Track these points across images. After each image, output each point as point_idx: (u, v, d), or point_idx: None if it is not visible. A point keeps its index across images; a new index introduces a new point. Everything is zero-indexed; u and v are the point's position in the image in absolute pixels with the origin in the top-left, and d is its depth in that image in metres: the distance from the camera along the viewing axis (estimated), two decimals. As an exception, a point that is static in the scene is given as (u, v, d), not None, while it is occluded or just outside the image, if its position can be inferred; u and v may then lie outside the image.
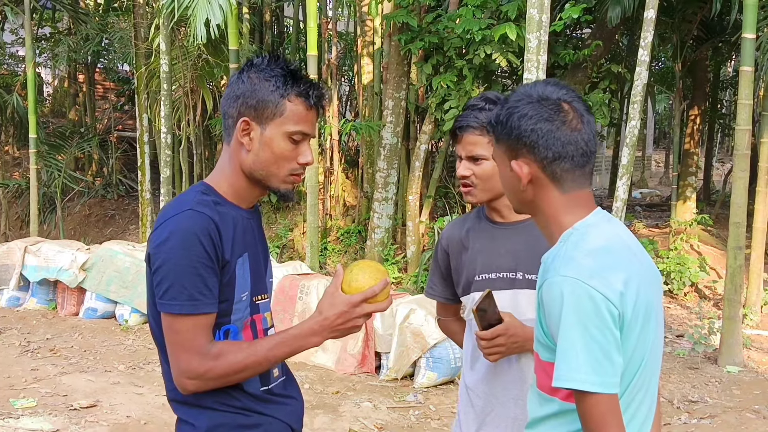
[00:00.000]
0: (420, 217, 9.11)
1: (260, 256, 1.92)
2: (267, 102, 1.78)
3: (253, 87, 1.79)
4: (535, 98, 1.59)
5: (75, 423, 4.83)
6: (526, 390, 2.11)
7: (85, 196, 12.81)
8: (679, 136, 10.96)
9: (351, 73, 13.89)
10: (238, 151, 1.82)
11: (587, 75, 8.68)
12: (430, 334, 5.73)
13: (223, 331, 1.81)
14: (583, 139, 1.59)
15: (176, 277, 1.70)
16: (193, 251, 1.70)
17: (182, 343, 1.73)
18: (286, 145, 1.80)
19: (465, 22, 7.52)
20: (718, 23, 10.27)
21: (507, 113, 1.61)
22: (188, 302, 1.70)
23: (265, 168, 1.82)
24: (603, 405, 1.44)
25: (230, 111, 1.82)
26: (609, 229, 1.60)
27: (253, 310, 1.87)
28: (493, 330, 2.04)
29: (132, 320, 7.36)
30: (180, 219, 1.72)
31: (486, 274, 2.18)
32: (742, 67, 6.40)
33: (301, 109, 1.80)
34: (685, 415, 5.30)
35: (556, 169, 1.58)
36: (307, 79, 1.84)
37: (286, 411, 1.93)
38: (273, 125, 1.79)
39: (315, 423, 4.98)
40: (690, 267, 8.48)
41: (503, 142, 1.63)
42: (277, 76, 1.79)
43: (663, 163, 22.76)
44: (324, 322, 1.78)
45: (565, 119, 1.58)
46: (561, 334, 1.47)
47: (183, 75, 9.97)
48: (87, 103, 14.33)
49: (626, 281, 1.50)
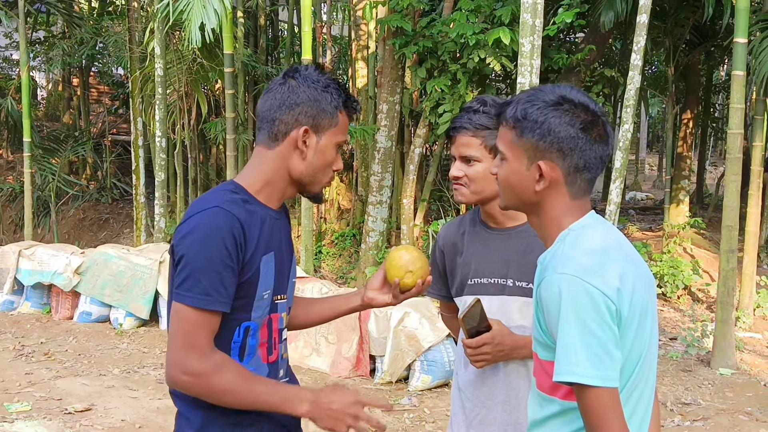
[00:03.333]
0: (414, 221, 9.13)
1: (285, 256, 1.96)
2: (326, 113, 1.86)
3: (313, 97, 1.84)
4: (577, 105, 1.58)
5: (70, 427, 4.83)
6: (512, 396, 2.14)
7: (79, 199, 12.78)
8: (672, 139, 11.01)
9: (345, 76, 13.90)
10: (289, 156, 1.87)
11: (581, 79, 8.71)
12: (425, 338, 5.74)
13: (244, 328, 1.84)
14: (608, 154, 1.63)
15: (193, 271, 1.73)
16: (215, 248, 1.73)
17: (186, 335, 1.75)
18: (334, 153, 1.90)
19: (459, 27, 7.55)
20: (711, 28, 10.33)
21: (543, 113, 1.57)
22: (201, 296, 1.73)
23: (315, 174, 1.89)
24: (604, 399, 1.46)
25: (283, 117, 1.85)
26: (604, 230, 1.63)
27: (272, 309, 1.91)
28: (479, 338, 2.06)
29: (126, 324, 7.35)
30: (206, 215, 1.76)
31: (478, 279, 2.20)
32: (734, 71, 6.44)
33: (347, 120, 1.91)
34: (679, 417, 5.33)
35: (578, 178, 1.60)
36: (347, 90, 1.92)
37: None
38: (328, 135, 1.87)
39: (310, 426, 4.97)
40: (683, 270, 8.52)
41: (529, 140, 1.59)
42: (331, 87, 1.86)
43: (656, 166, 22.83)
44: (319, 399, 1.82)
45: (600, 132, 1.60)
46: (560, 330, 1.49)
47: (178, 79, 9.96)
48: (81, 106, 14.30)
49: (622, 278, 1.53)
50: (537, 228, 1.69)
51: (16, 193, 12.34)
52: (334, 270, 9.79)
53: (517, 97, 1.66)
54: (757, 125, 8.10)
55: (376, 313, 5.92)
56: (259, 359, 1.89)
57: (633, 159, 20.43)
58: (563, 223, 1.63)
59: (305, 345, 6.34)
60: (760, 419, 5.30)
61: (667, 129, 11.25)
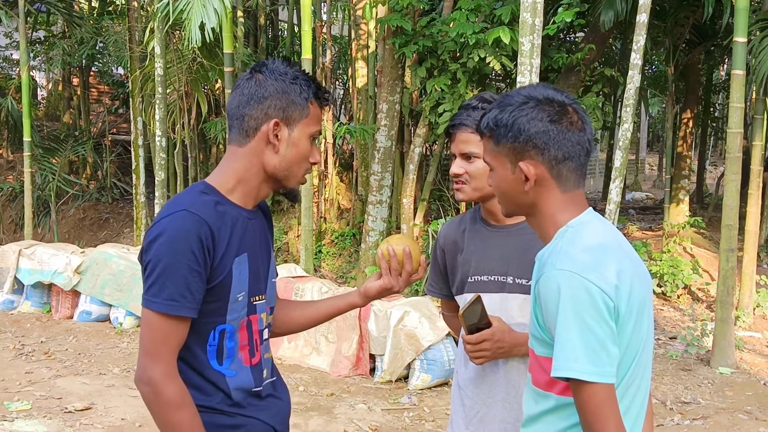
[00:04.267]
0: (414, 220, 9.13)
1: (261, 257, 1.92)
2: (296, 105, 1.83)
3: (281, 89, 1.82)
4: (542, 100, 1.61)
5: (70, 426, 4.84)
6: (512, 393, 2.14)
7: (79, 199, 12.79)
8: (672, 139, 11.01)
9: (345, 76, 13.90)
10: (262, 151, 1.84)
11: (580, 78, 8.72)
12: (425, 336, 5.75)
13: (219, 331, 1.81)
14: (587, 140, 1.63)
15: (159, 276, 1.70)
16: (180, 253, 1.70)
17: (152, 343, 1.73)
18: (308, 145, 1.87)
19: (459, 26, 7.56)
20: (710, 27, 10.33)
21: (512, 116, 1.61)
22: (167, 302, 1.70)
23: (290, 168, 1.86)
24: (600, 395, 1.47)
25: (251, 112, 1.82)
26: (602, 227, 1.64)
27: (250, 311, 1.87)
28: (479, 335, 2.07)
29: (126, 323, 7.36)
30: (172, 219, 1.73)
31: (478, 276, 2.20)
32: (733, 71, 6.45)
33: (319, 111, 1.88)
34: (678, 416, 5.33)
35: (563, 169, 1.61)
36: (317, 81, 1.90)
37: (271, 413, 1.93)
38: (300, 126, 1.84)
39: (309, 425, 4.99)
40: (683, 269, 8.52)
41: (506, 145, 1.62)
42: (299, 79, 1.84)
43: (656, 166, 22.83)
44: None
45: (571, 120, 1.61)
46: (558, 325, 1.50)
47: (178, 78, 9.97)
48: (81, 106, 14.30)
49: (620, 275, 1.54)
50: (536, 228, 1.70)
51: (16, 192, 12.35)
52: (334, 269, 9.79)
53: (490, 107, 1.69)
54: (757, 124, 8.10)
55: (376, 312, 5.93)
56: (241, 362, 1.86)
57: (633, 159, 20.44)
58: (559, 220, 1.63)
59: (305, 344, 6.35)
60: (759, 418, 5.31)
61: (667, 128, 11.25)
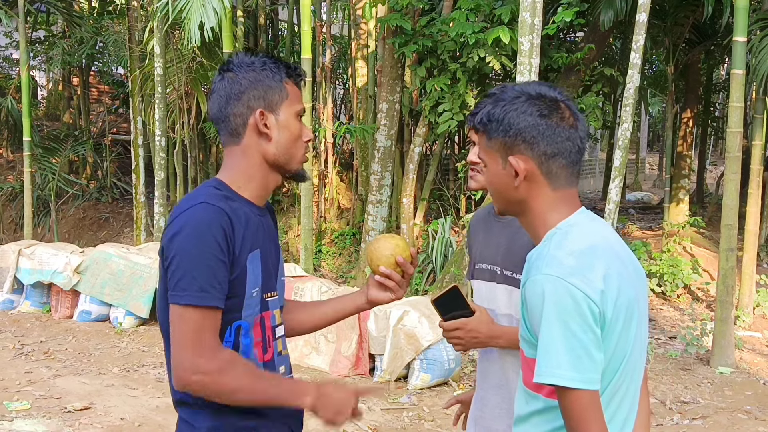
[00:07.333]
0: (414, 220, 9.13)
1: (271, 254, 1.93)
2: (273, 89, 1.84)
3: (254, 79, 1.83)
4: (533, 95, 1.61)
5: (69, 425, 4.84)
6: (504, 381, 2.20)
7: (79, 199, 12.79)
8: (672, 138, 11.01)
9: (345, 76, 13.90)
10: (257, 143, 1.85)
11: (580, 78, 8.72)
12: (424, 336, 5.75)
13: (235, 327, 1.82)
14: (579, 137, 1.62)
15: (187, 268, 1.70)
16: (205, 243, 1.70)
17: (191, 335, 1.72)
18: (297, 124, 1.89)
19: (458, 26, 7.56)
20: (710, 26, 10.33)
21: (503, 110, 1.61)
22: (199, 293, 1.70)
23: (288, 151, 1.88)
24: (583, 401, 1.46)
25: (234, 111, 1.84)
26: (592, 229, 1.62)
27: (263, 307, 1.89)
28: (452, 323, 2.12)
29: (126, 323, 7.35)
30: (193, 212, 1.74)
31: (479, 264, 2.27)
32: (733, 70, 6.44)
33: (296, 89, 1.89)
34: (678, 415, 5.33)
35: (552, 166, 1.60)
36: (285, 61, 1.92)
37: (286, 412, 1.93)
38: (283, 109, 1.86)
39: (309, 424, 4.97)
40: (683, 269, 8.52)
41: (497, 139, 1.62)
42: (267, 63, 1.85)
43: (657, 165, 22.83)
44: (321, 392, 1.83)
45: (562, 116, 1.60)
46: (542, 330, 1.49)
47: (177, 78, 9.97)
48: (81, 106, 14.30)
49: (607, 280, 1.52)
50: (527, 228, 1.69)
51: (16, 192, 12.36)
52: (333, 269, 9.79)
53: (483, 102, 1.69)
54: (757, 124, 8.10)
55: (376, 311, 5.93)
56: (256, 360, 1.87)
57: (633, 158, 20.44)
58: (549, 219, 1.62)
59: (305, 344, 6.35)
60: (759, 417, 5.31)
61: (667, 128, 11.25)
